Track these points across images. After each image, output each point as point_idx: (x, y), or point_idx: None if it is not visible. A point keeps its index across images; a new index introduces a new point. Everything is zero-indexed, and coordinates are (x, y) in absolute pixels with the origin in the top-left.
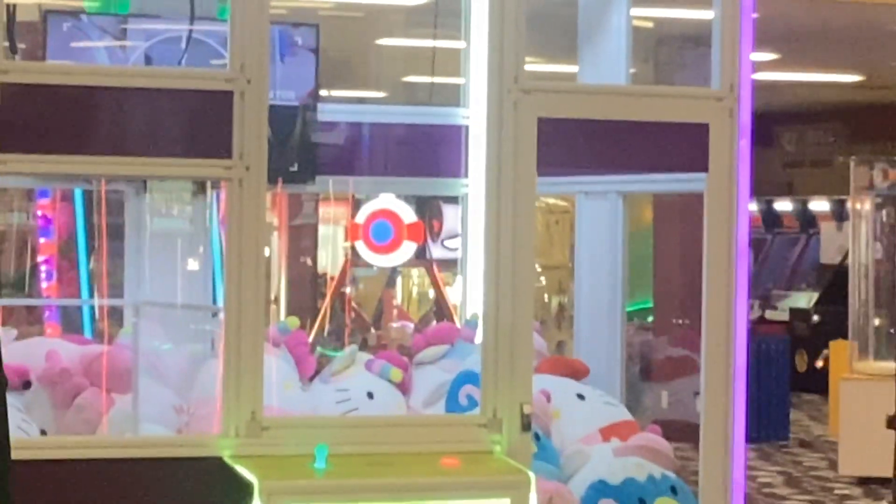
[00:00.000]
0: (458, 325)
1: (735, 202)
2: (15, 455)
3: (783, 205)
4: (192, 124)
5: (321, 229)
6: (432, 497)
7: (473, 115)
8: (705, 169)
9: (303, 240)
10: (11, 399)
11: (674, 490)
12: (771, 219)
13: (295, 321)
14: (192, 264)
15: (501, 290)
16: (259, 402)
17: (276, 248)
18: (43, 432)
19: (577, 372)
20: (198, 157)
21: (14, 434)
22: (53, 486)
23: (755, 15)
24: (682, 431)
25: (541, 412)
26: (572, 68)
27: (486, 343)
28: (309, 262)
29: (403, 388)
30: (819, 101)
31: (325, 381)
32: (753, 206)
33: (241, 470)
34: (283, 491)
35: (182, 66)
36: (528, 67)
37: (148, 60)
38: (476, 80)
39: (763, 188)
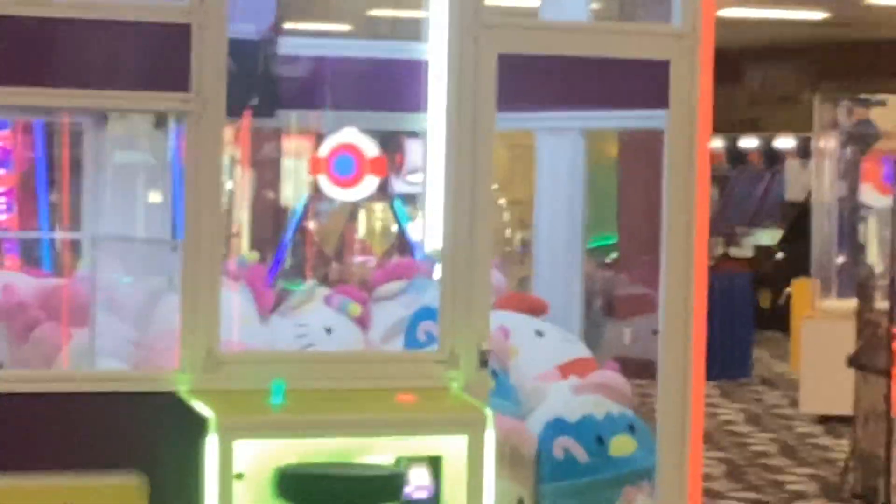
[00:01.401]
0: (416, 258)
1: (696, 140)
2: None
3: (748, 141)
4: (150, 58)
5: (284, 163)
6: (389, 433)
7: (434, 50)
8: (666, 106)
9: (266, 173)
10: None
11: (632, 428)
12: (735, 155)
13: (254, 255)
14: (152, 198)
15: (459, 226)
16: (216, 337)
17: (238, 182)
18: (0, 365)
19: (535, 308)
20: (156, 90)
21: None
22: (9, 419)
23: None
24: (643, 368)
25: (499, 349)
26: (534, 2)
27: (445, 279)
28: (271, 195)
29: (362, 323)
30: (785, 38)
31: (284, 315)
32: (718, 143)
33: (198, 405)
34: (238, 426)
35: None
36: (488, 1)
37: None
38: (437, 15)
39: (728, 125)
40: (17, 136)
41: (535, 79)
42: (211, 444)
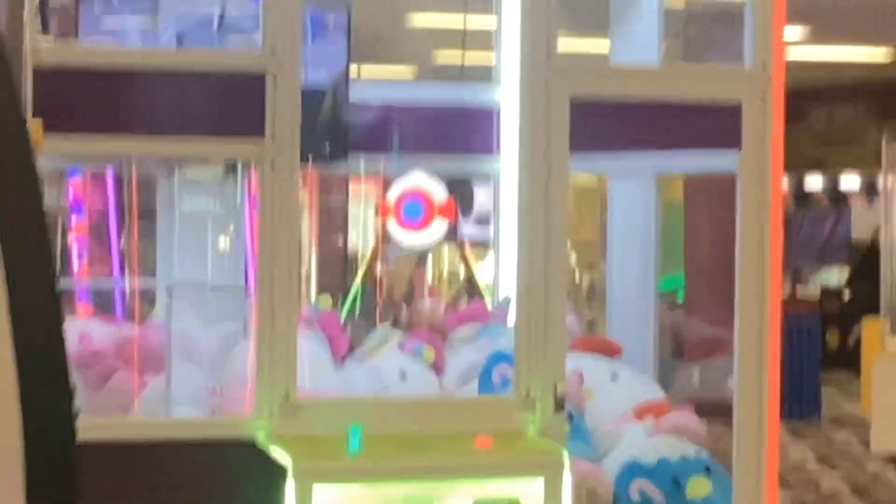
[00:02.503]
0: (487, 302)
1: (768, 181)
2: None
3: (813, 181)
4: (225, 106)
5: (352, 207)
6: (466, 477)
7: (505, 94)
8: (738, 147)
9: (333, 219)
10: None
11: (707, 469)
12: (801, 195)
13: (327, 300)
14: (224, 245)
15: (535, 270)
16: (292, 382)
17: (306, 227)
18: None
19: (610, 351)
20: (231, 138)
21: None
22: (86, 468)
23: None
24: (713, 409)
25: (574, 391)
26: (604, 44)
27: (520, 323)
28: (340, 240)
29: (436, 368)
30: (849, 77)
31: (358, 361)
32: (784, 183)
33: (275, 451)
34: (317, 472)
35: (214, 47)
36: (559, 44)
37: (179, 41)
38: (508, 59)
39: (793, 164)
40: (87, 186)
41: (607, 122)
42: (289, 490)
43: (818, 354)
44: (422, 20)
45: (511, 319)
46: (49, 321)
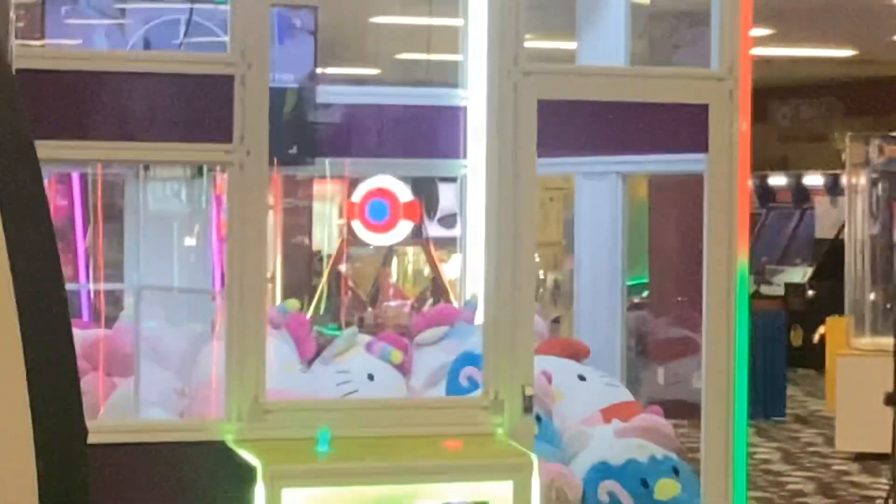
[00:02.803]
0: (454, 303)
1: (736, 182)
2: None
3: (778, 179)
4: (192, 109)
5: (316, 207)
6: (435, 479)
7: (472, 96)
8: (705, 149)
9: (298, 219)
10: None
11: (675, 470)
12: (765, 193)
13: (295, 303)
14: (191, 246)
15: (502, 272)
16: (261, 385)
17: (271, 228)
18: None
19: (577, 352)
20: (199, 141)
21: None
22: None
23: None
24: (679, 410)
25: (542, 393)
26: (571, 45)
27: (487, 324)
28: (304, 241)
29: (404, 369)
30: (814, 76)
31: (326, 363)
32: (748, 182)
33: (244, 454)
34: (286, 474)
35: (181, 49)
36: (526, 45)
37: (147, 44)
38: (475, 60)
39: (757, 163)
40: (52, 187)
41: (575, 124)
42: (259, 493)
43: (783, 353)
44: (387, 21)
45: (479, 319)
46: (60, 332)
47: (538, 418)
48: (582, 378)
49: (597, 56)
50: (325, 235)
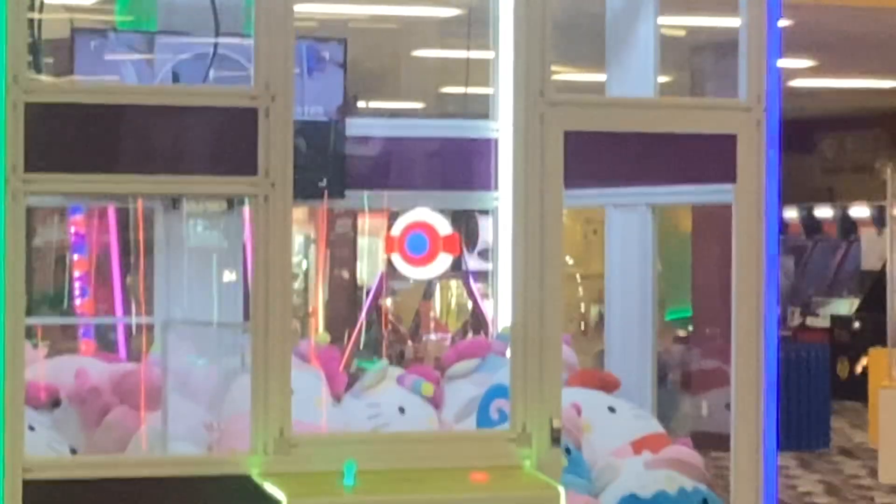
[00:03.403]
0: (491, 335)
1: (764, 213)
2: (45, 475)
3: (823, 211)
4: (217, 142)
5: (360, 241)
6: None
7: (502, 128)
8: (734, 180)
9: (341, 252)
10: (41, 418)
11: (705, 502)
12: (811, 225)
13: (326, 336)
14: (224, 280)
15: (530, 304)
16: (287, 419)
17: (314, 261)
18: (73, 451)
19: (607, 385)
20: (224, 174)
21: (44, 453)
22: None
23: (789, 22)
24: (720, 442)
25: (572, 425)
26: (601, 76)
27: (515, 357)
28: (347, 274)
29: (435, 402)
30: (858, 107)
31: (357, 396)
32: (793, 213)
33: (270, 487)
34: None
35: (208, 82)
36: (555, 77)
37: (175, 77)
38: (504, 92)
39: (803, 195)
40: (91, 220)
41: (602, 155)
42: None
43: (827, 385)
44: (423, 54)
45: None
46: None
47: (567, 451)
48: (612, 410)
49: (625, 88)
50: (367, 269)
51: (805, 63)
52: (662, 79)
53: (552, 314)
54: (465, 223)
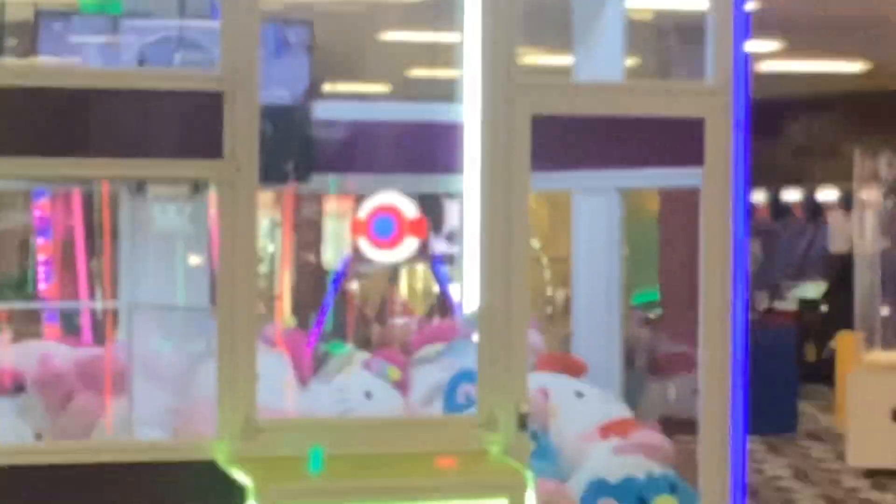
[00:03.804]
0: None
1: (731, 196)
2: (9, 460)
3: (791, 194)
4: (183, 126)
5: (326, 225)
6: (429, 498)
7: (469, 112)
8: (701, 163)
9: (307, 235)
10: (6, 403)
11: (673, 488)
12: (779, 209)
13: (292, 320)
14: (189, 264)
15: (496, 288)
16: (253, 404)
17: (279, 245)
18: (38, 437)
19: (574, 369)
20: (189, 158)
21: (9, 439)
22: (48, 491)
23: (756, 6)
24: (688, 426)
25: (539, 410)
26: (568, 60)
27: (482, 341)
28: (313, 258)
29: (402, 386)
30: (826, 90)
31: (323, 381)
32: (761, 197)
33: (236, 473)
34: (277, 493)
35: (173, 66)
36: (522, 60)
37: (141, 61)
38: (471, 76)
39: (771, 178)
40: (56, 204)
41: (570, 139)
42: None
43: (795, 369)
44: (390, 37)
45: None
46: None
47: (535, 435)
48: (579, 394)
49: (593, 71)
50: (333, 252)
51: (773, 46)
52: (630, 62)
53: (518, 298)
54: (432, 207)
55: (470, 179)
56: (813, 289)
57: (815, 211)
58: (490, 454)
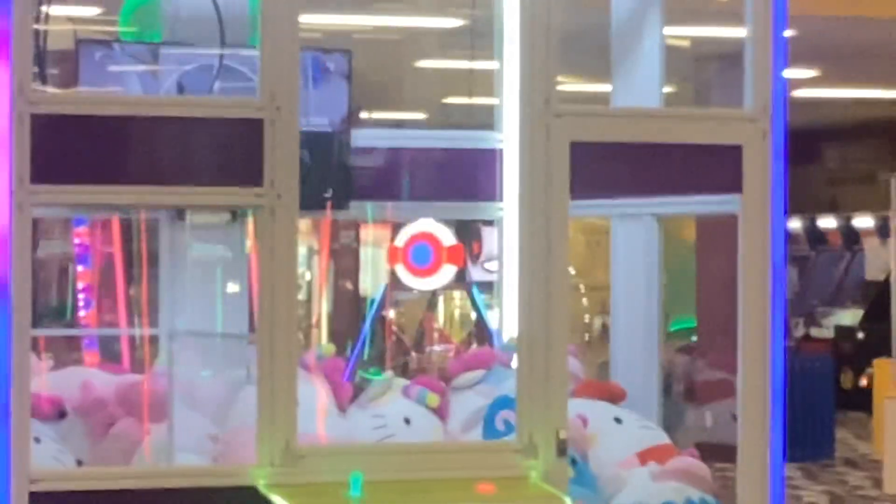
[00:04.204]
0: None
1: (769, 223)
2: (51, 486)
3: (827, 221)
4: (223, 153)
5: (363, 252)
6: None
7: (507, 139)
8: (739, 190)
9: (345, 263)
10: (47, 429)
11: None
12: (815, 236)
13: (331, 348)
14: (228, 291)
15: (535, 315)
16: (293, 430)
17: (317, 272)
18: (79, 463)
19: (613, 395)
20: (229, 185)
21: (50, 465)
22: None
23: (793, 33)
24: (727, 452)
25: (578, 436)
26: (606, 87)
27: (521, 367)
28: (350, 285)
29: (441, 413)
30: (862, 118)
31: (362, 407)
32: (797, 224)
33: (276, 499)
34: None
35: (213, 94)
36: (561, 87)
37: (180, 89)
38: (509, 103)
39: (806, 205)
40: (96, 231)
41: (607, 166)
42: None
43: (832, 396)
44: (428, 65)
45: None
46: None
47: (573, 461)
48: (618, 421)
49: (631, 98)
50: (371, 280)
51: (809, 73)
52: (668, 89)
53: (558, 325)
54: (470, 234)
55: (508, 206)
56: (849, 316)
57: (851, 238)
58: (529, 480)
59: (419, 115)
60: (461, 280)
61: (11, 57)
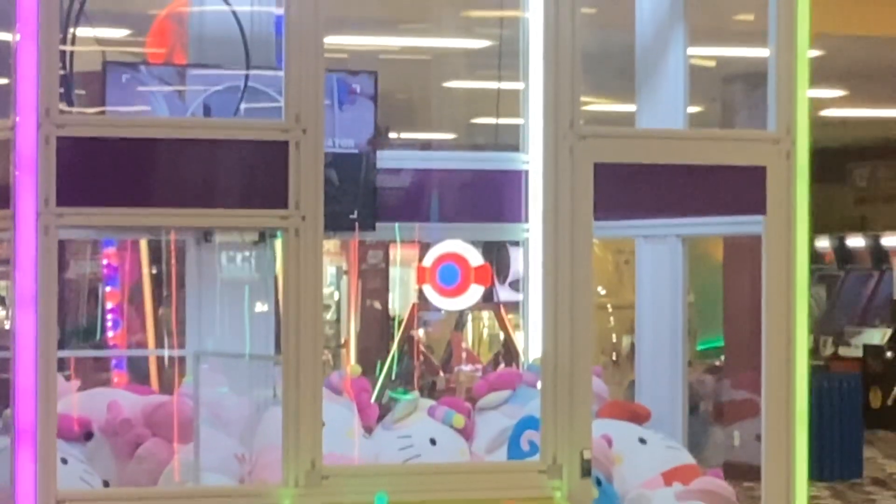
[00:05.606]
0: (522, 368)
1: (793, 244)
2: None
3: (856, 241)
4: (248, 175)
5: (392, 272)
6: None
7: (532, 160)
8: (763, 211)
9: (373, 283)
10: (74, 450)
11: None
12: (843, 255)
13: (357, 369)
14: (255, 312)
15: (559, 335)
16: (318, 451)
17: (345, 292)
18: (106, 483)
19: (638, 416)
20: (255, 207)
21: (77, 485)
22: None
23: (819, 53)
24: (754, 472)
25: (602, 457)
26: (630, 108)
27: (546, 388)
28: (378, 305)
29: (466, 433)
30: (891, 137)
31: (388, 428)
32: (825, 243)
33: None
34: None
35: (239, 115)
36: (585, 108)
37: (206, 110)
38: (534, 124)
39: (835, 224)
40: (123, 253)
41: (632, 187)
42: None
43: (860, 414)
44: (454, 85)
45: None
46: None
47: (598, 482)
48: (643, 441)
49: (656, 118)
50: (399, 300)
51: (836, 93)
52: (692, 110)
53: (582, 345)
54: (497, 254)
55: (534, 227)
56: (878, 335)
57: (879, 257)
58: (553, 501)
59: (447, 136)
60: (489, 300)
61: (38, 78)
